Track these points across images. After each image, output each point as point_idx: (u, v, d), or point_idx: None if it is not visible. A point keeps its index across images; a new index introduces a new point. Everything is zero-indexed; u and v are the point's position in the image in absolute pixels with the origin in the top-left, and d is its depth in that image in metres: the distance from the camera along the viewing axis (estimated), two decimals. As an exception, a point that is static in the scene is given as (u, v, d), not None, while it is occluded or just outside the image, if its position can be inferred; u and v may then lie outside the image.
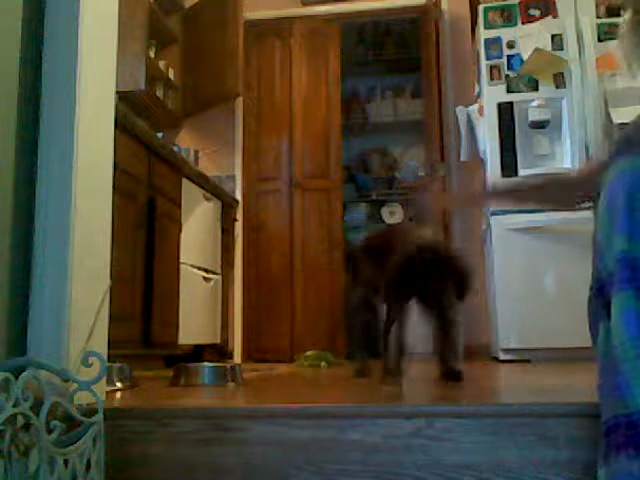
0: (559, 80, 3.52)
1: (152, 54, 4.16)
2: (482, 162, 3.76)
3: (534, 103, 3.47)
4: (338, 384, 2.08)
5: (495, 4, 3.71)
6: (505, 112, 3.54)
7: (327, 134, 4.63)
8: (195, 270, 3.62)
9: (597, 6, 3.52)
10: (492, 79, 3.61)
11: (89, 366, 1.21)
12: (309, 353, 3.39)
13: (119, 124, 1.79)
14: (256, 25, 4.73)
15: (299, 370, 3.01)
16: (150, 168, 3.08)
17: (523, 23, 3.61)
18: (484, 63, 3.62)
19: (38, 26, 1.45)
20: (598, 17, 3.50)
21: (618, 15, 3.49)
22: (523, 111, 3.50)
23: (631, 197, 1.02)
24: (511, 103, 3.54)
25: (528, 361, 3.24)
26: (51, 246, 1.37)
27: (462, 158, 3.98)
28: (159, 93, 4.26)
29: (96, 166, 1.51)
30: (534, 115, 3.47)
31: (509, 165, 3.48)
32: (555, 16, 3.57)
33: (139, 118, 3.62)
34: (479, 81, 3.78)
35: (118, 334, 1.69)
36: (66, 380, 1.19)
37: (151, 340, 2.96)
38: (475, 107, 3.85)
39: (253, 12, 4.68)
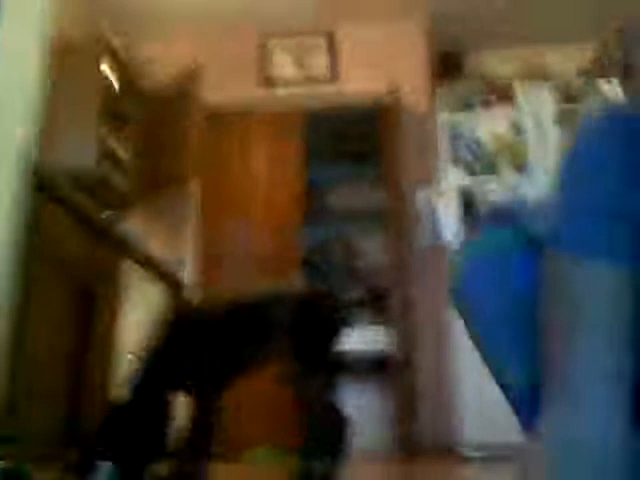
0: (520, 165, 3.47)
1: (105, 133, 4.03)
2: (444, 247, 3.64)
3: (494, 187, 3.40)
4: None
5: (455, 90, 3.71)
6: (466, 196, 3.46)
7: (287, 222, 4.49)
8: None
9: (555, 93, 3.54)
10: (453, 163, 3.55)
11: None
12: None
13: (61, 198, 1.60)
14: (216, 108, 4.67)
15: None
16: (91, 248, 2.85)
17: (483, 109, 3.61)
18: (444, 148, 3.58)
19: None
20: (557, 103, 3.52)
21: (575, 102, 3.52)
22: (484, 195, 3.43)
23: None
24: (471, 187, 3.47)
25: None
26: None
27: (423, 243, 3.85)
28: (109, 172, 4.08)
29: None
30: (495, 199, 3.39)
31: (472, 250, 3.36)
32: (514, 103, 3.58)
33: (86, 195, 3.43)
34: (440, 166, 3.72)
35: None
36: None
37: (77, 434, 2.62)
38: (436, 192, 3.78)
39: (213, 94, 4.63)
